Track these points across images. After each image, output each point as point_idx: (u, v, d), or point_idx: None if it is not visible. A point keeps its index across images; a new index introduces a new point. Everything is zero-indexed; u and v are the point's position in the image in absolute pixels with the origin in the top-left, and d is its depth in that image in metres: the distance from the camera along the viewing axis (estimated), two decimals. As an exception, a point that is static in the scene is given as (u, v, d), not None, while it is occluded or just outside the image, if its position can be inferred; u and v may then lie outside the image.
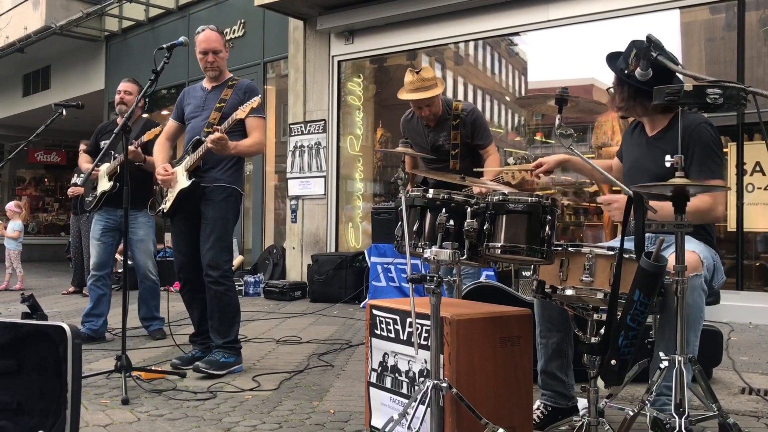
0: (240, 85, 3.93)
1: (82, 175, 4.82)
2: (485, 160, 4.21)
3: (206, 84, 4.01)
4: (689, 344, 2.26)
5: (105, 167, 4.81)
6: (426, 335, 2.32)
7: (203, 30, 3.92)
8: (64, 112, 4.33)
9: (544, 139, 8.10)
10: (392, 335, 2.54)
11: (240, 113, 3.64)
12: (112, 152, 4.76)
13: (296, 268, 8.76)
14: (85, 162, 5.48)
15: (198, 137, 3.79)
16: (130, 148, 4.39)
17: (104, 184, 4.79)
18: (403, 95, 4.09)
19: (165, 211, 3.86)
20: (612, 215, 2.59)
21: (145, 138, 4.64)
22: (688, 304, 2.22)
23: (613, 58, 2.73)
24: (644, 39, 2.30)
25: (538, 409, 2.77)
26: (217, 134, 3.58)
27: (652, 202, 2.32)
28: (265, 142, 3.95)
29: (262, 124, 3.91)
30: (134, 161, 4.54)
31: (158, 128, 4.65)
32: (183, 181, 3.76)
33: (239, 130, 3.81)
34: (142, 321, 5.01)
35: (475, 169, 3.92)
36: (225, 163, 3.83)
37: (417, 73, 4.01)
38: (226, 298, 3.78)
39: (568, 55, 7.31)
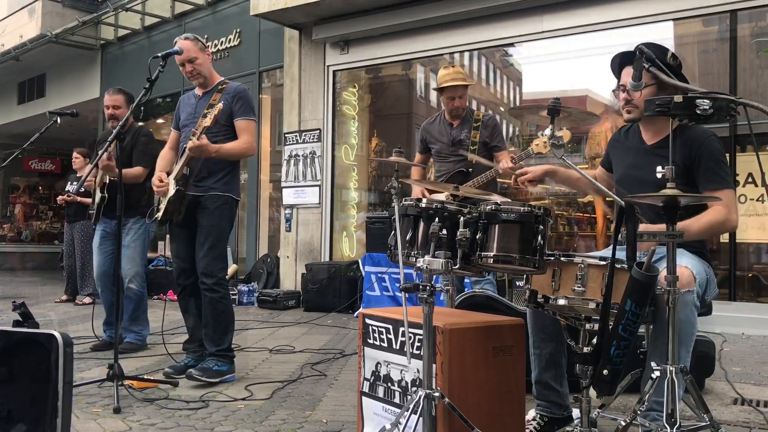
0: (229, 89, 3.92)
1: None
2: (498, 163, 4.50)
3: (198, 91, 4.03)
4: (680, 358, 2.26)
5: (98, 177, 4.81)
6: (419, 344, 2.33)
7: (176, 42, 3.90)
8: (59, 120, 4.32)
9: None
10: (385, 344, 2.54)
11: (207, 121, 3.62)
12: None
13: (290, 277, 8.74)
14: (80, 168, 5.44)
15: (184, 146, 3.81)
16: (103, 160, 4.33)
17: (97, 196, 4.81)
18: (444, 83, 4.48)
19: (159, 219, 3.89)
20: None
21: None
22: (680, 320, 2.22)
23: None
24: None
25: (534, 420, 2.76)
26: (190, 143, 3.61)
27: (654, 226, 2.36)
28: (253, 143, 3.94)
29: (250, 126, 3.89)
30: (109, 174, 4.56)
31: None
32: (171, 190, 3.80)
33: (228, 132, 3.83)
34: (122, 330, 4.79)
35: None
36: (219, 171, 3.85)
37: (452, 67, 4.54)
38: (221, 305, 3.79)
39: (562, 66, 7.35)
